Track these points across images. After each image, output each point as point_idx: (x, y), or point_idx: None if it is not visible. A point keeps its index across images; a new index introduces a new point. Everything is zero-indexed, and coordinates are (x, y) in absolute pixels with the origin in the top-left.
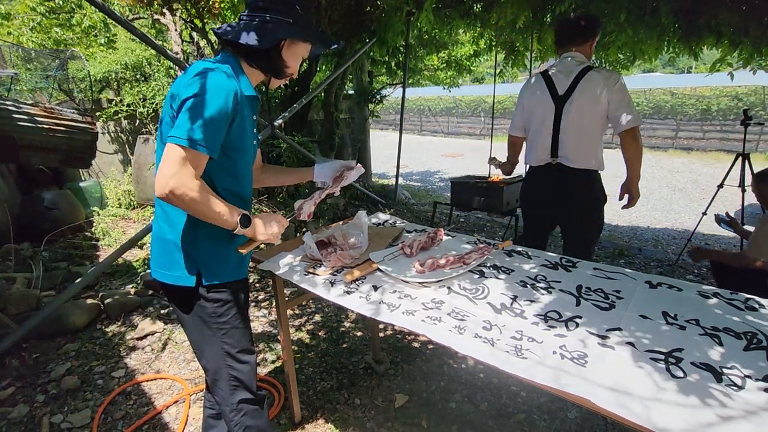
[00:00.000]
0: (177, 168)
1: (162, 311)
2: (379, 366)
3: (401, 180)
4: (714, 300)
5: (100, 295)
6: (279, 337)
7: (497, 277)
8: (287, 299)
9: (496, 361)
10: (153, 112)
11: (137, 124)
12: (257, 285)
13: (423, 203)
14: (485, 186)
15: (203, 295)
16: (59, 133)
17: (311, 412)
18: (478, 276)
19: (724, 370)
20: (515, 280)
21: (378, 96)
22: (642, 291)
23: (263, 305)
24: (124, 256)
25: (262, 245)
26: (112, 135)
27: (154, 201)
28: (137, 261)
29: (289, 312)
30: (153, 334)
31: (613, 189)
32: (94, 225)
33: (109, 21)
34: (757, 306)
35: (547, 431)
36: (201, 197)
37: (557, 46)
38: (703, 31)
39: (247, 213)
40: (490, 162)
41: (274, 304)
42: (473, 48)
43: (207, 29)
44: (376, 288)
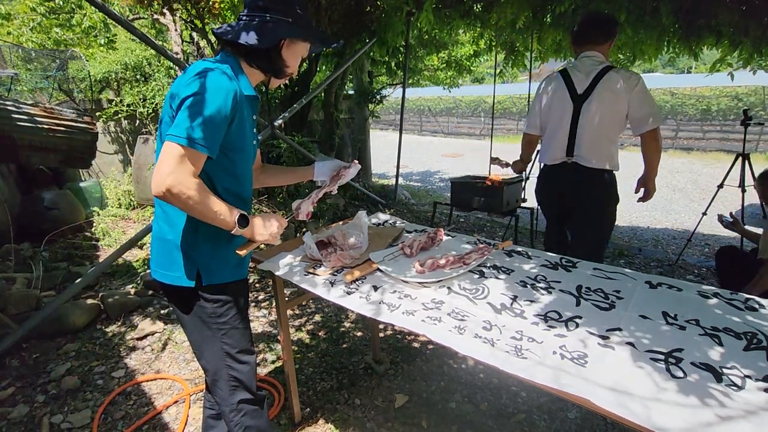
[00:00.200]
0: (174, 166)
1: (162, 311)
2: (379, 366)
3: (401, 180)
4: (714, 300)
5: (100, 295)
6: (279, 337)
7: (497, 277)
8: (287, 299)
9: (496, 361)
10: (153, 112)
11: (137, 124)
12: (257, 285)
13: (423, 203)
14: (485, 186)
15: (203, 296)
16: (59, 133)
17: (311, 412)
18: (478, 276)
19: (724, 370)
20: (515, 280)
21: (378, 96)
22: (642, 291)
23: (263, 305)
24: (124, 256)
25: (261, 246)
26: (112, 135)
27: (154, 201)
28: (137, 261)
29: (289, 312)
30: (153, 334)
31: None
32: (94, 225)
33: (109, 21)
34: (757, 306)
35: (547, 431)
36: (198, 196)
37: (575, 44)
38: (703, 31)
39: (245, 213)
40: (493, 162)
41: (274, 304)
42: (473, 48)
43: (207, 29)
44: (376, 288)
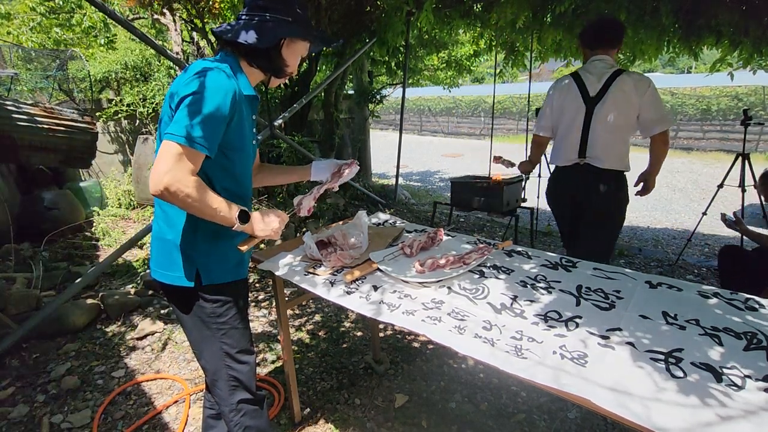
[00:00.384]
0: (172, 164)
1: (162, 311)
2: (379, 366)
3: (401, 180)
4: (714, 300)
5: (100, 295)
6: (279, 337)
7: (497, 277)
8: (287, 299)
9: (496, 361)
10: (153, 112)
11: (137, 124)
12: (257, 285)
13: (423, 203)
14: (485, 186)
15: (202, 296)
16: (59, 133)
17: (311, 412)
18: (478, 276)
19: (724, 370)
20: (515, 280)
21: (378, 96)
22: (642, 291)
23: (263, 305)
24: (124, 256)
25: (262, 245)
26: (112, 135)
27: (154, 201)
28: (137, 261)
29: (289, 312)
30: (153, 334)
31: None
32: (94, 225)
33: (109, 21)
34: (757, 306)
35: (547, 431)
36: (196, 194)
37: (586, 47)
38: (703, 31)
39: (246, 209)
40: (497, 161)
41: (274, 304)
42: (473, 48)
43: (207, 29)
44: (376, 288)
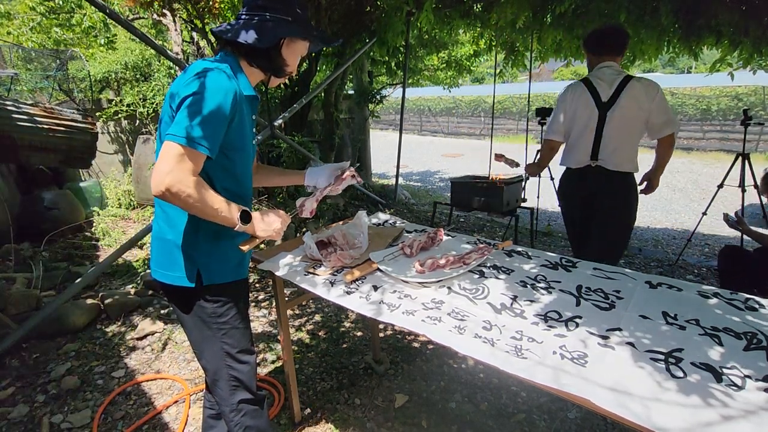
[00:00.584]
0: (173, 165)
1: (162, 311)
2: (379, 366)
3: (401, 180)
4: (714, 300)
5: (100, 295)
6: (279, 337)
7: (497, 277)
8: (287, 299)
9: (496, 361)
10: (153, 112)
11: (137, 124)
12: (257, 285)
13: (423, 203)
14: (485, 186)
15: (203, 296)
16: (59, 133)
17: (311, 412)
18: (478, 276)
19: (724, 370)
20: (515, 280)
21: (378, 96)
22: (642, 291)
23: (263, 305)
24: (124, 256)
25: (262, 246)
26: (112, 135)
27: (154, 201)
28: (137, 261)
29: (289, 312)
30: (153, 334)
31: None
32: (94, 225)
33: (109, 21)
34: (757, 306)
35: (547, 431)
36: (198, 194)
37: (592, 54)
38: (703, 31)
39: (247, 209)
40: (499, 159)
41: (274, 304)
42: (473, 48)
43: (207, 29)
44: (376, 288)
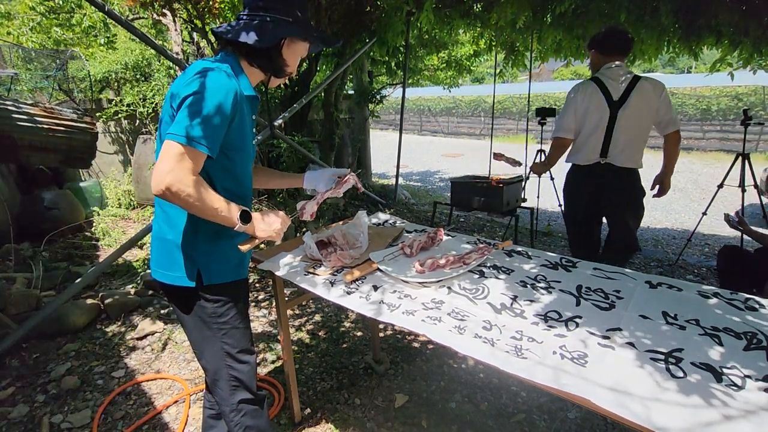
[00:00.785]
0: (174, 164)
1: (162, 311)
2: (379, 366)
3: (401, 180)
4: (714, 300)
5: (100, 295)
6: (279, 337)
7: (497, 277)
8: (287, 299)
9: (496, 361)
10: (153, 112)
11: (137, 124)
12: (257, 285)
13: (423, 203)
14: (485, 186)
15: (203, 296)
16: (59, 133)
17: (311, 412)
18: (478, 276)
19: (724, 370)
20: (515, 280)
21: (378, 96)
22: (642, 291)
23: (263, 305)
24: (124, 256)
25: (262, 246)
26: (112, 135)
27: (154, 201)
28: (137, 261)
29: (289, 312)
30: (153, 334)
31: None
32: (94, 225)
33: (109, 21)
34: (757, 306)
35: (547, 431)
36: (198, 194)
37: (601, 53)
38: (703, 31)
39: (247, 209)
40: (499, 159)
41: (274, 304)
42: (473, 48)
43: (207, 29)
44: (376, 288)
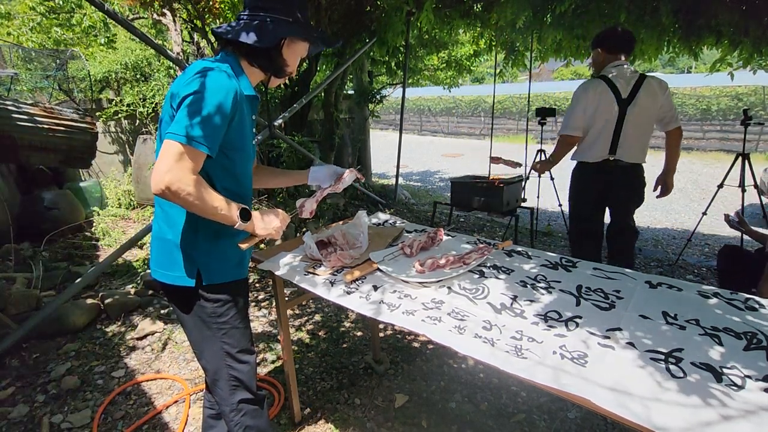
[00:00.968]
0: (173, 163)
1: (162, 311)
2: (379, 366)
3: (401, 180)
4: (714, 300)
5: (100, 295)
6: (279, 337)
7: (497, 277)
8: (287, 299)
9: (496, 361)
10: (153, 112)
11: (137, 124)
12: (257, 285)
13: (423, 203)
14: (485, 186)
15: (203, 295)
16: (59, 133)
17: (311, 412)
18: (478, 276)
19: (724, 370)
20: (515, 280)
21: (378, 96)
22: (642, 291)
23: (263, 305)
24: (124, 256)
25: (262, 245)
26: (112, 135)
27: (154, 201)
28: (137, 261)
29: (289, 312)
30: (153, 334)
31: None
32: (94, 225)
33: (109, 21)
34: (757, 306)
35: (547, 431)
36: (197, 192)
37: (608, 52)
38: (703, 31)
39: (247, 207)
40: (497, 161)
41: (274, 304)
42: (473, 48)
43: (207, 29)
44: (376, 288)
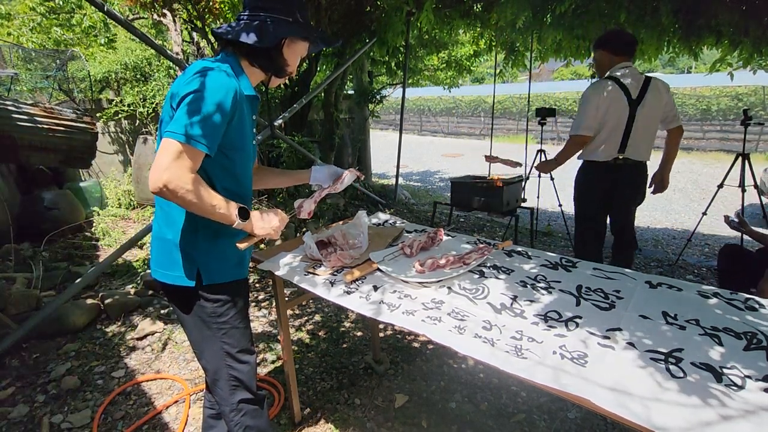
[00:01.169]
0: (171, 162)
1: (162, 311)
2: (379, 366)
3: (401, 180)
4: (714, 300)
5: (100, 295)
6: (279, 337)
7: (497, 277)
8: (287, 299)
9: (496, 361)
10: (153, 112)
11: (137, 124)
12: (257, 285)
13: (423, 203)
14: (485, 186)
15: (203, 295)
16: (59, 133)
17: (311, 412)
18: (478, 276)
19: (724, 370)
20: (515, 280)
21: (378, 96)
22: (642, 291)
23: (263, 305)
24: (124, 256)
25: (261, 246)
26: (112, 135)
27: (154, 201)
28: (137, 261)
29: (289, 312)
30: (153, 334)
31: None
32: (94, 225)
33: (109, 21)
34: (757, 306)
35: (547, 431)
36: (195, 191)
37: (614, 54)
38: (703, 31)
39: (245, 207)
40: (493, 161)
41: (274, 304)
42: (473, 48)
43: (207, 29)
44: (376, 288)
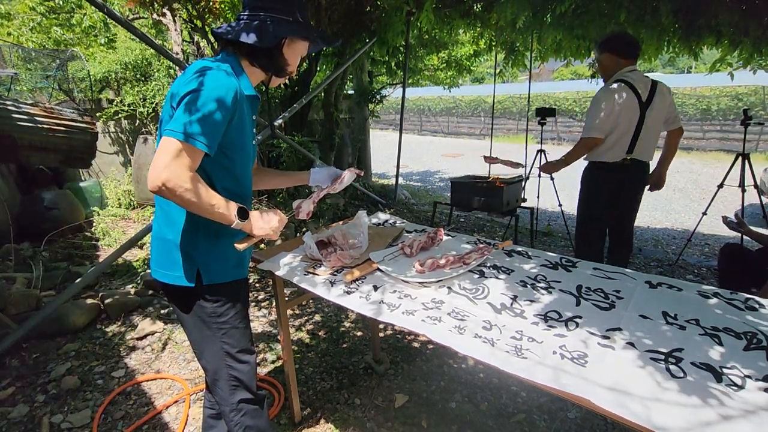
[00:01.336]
0: (170, 160)
1: (162, 311)
2: (379, 366)
3: (401, 180)
4: (714, 300)
5: (100, 295)
6: (279, 337)
7: (497, 277)
8: (287, 299)
9: (496, 361)
10: (153, 112)
11: (137, 124)
12: (257, 285)
13: (423, 203)
14: (485, 186)
15: (203, 295)
16: (59, 133)
17: (311, 412)
18: (478, 276)
19: (724, 370)
20: (515, 280)
21: (378, 96)
22: (642, 291)
23: (263, 305)
24: (124, 256)
25: (261, 246)
26: (112, 135)
27: (154, 201)
28: (137, 261)
29: (289, 312)
30: (153, 334)
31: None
32: (94, 225)
33: (109, 21)
34: (757, 306)
35: (547, 431)
36: (194, 189)
37: (620, 57)
38: (703, 31)
39: (244, 206)
40: (493, 161)
41: (274, 304)
42: (473, 48)
43: (207, 29)
44: (376, 288)
